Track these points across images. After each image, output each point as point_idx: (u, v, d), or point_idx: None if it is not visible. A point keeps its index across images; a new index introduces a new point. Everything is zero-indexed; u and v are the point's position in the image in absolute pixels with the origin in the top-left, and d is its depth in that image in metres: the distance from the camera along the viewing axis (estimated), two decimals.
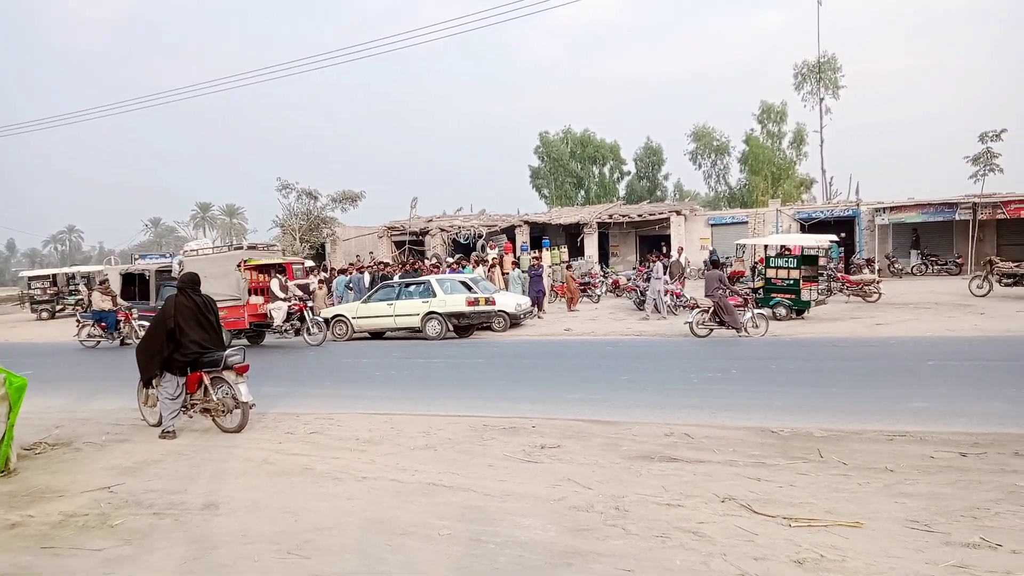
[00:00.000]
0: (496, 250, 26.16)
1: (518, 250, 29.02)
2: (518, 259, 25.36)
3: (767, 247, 18.44)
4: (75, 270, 33.60)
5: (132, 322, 17.06)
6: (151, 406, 7.80)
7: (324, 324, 16.12)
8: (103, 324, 16.99)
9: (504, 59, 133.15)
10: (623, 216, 32.19)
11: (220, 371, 7.25)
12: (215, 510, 4.95)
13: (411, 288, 16.81)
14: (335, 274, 23.15)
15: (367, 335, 16.95)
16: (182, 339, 7.17)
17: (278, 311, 15.57)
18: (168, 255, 34.33)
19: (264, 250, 17.46)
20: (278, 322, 15.60)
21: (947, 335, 12.66)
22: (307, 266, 20.92)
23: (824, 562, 3.65)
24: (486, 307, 16.03)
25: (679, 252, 25.18)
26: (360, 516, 4.68)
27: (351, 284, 20.76)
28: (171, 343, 7.18)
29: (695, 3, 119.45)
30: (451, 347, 14.76)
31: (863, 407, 7.52)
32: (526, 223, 32.98)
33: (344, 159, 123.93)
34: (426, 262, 25.73)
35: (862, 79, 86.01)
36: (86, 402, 9.78)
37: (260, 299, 15.97)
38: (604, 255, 32.81)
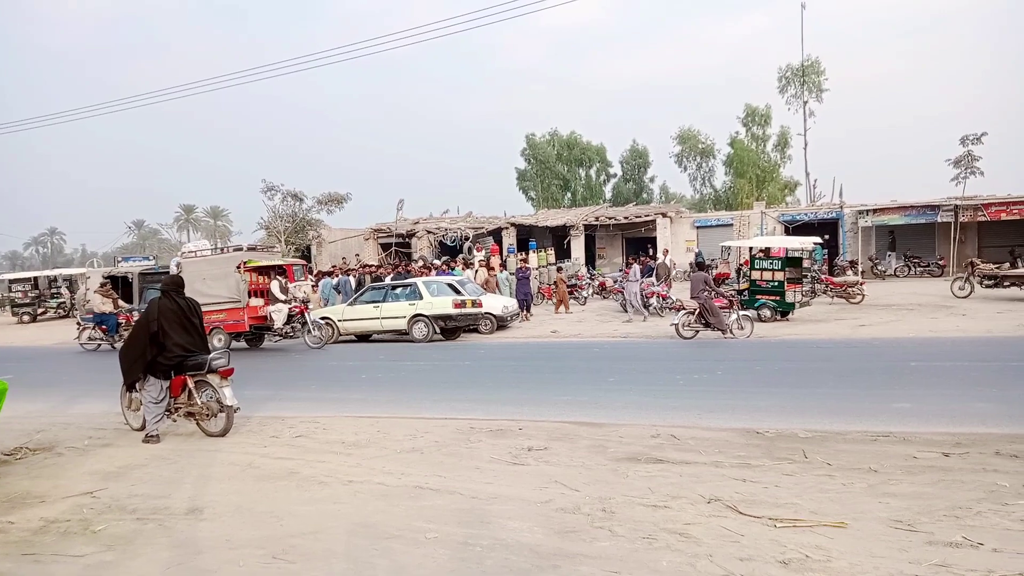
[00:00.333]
0: (483, 252, 26.14)
1: (505, 252, 29.02)
2: (504, 261, 25.35)
3: (752, 249, 18.59)
4: (57, 273, 33.25)
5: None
6: (134, 410, 7.72)
7: (326, 326, 15.90)
8: (104, 327, 16.81)
9: (491, 61, 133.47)
10: (609, 218, 32.30)
11: (204, 374, 7.21)
12: (199, 515, 4.91)
13: (397, 290, 16.76)
14: (320, 276, 23.06)
15: (353, 338, 16.88)
16: (166, 342, 7.12)
17: (278, 313, 15.35)
18: (151, 257, 34.04)
19: (264, 251, 17.34)
20: (278, 324, 15.39)
21: (930, 336, 12.80)
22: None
23: (809, 562, 3.67)
24: (473, 309, 16.02)
25: (665, 254, 25.30)
26: (346, 520, 4.65)
27: (339, 287, 20.67)
28: (154, 346, 7.12)
29: (681, 7, 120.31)
30: (438, 350, 14.74)
31: (847, 408, 7.59)
32: (513, 225, 33.00)
33: (330, 161, 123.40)
34: (415, 264, 25.65)
35: (845, 83, 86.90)
36: (68, 406, 9.68)
37: (260, 301, 15.81)
38: (591, 257, 32.90)
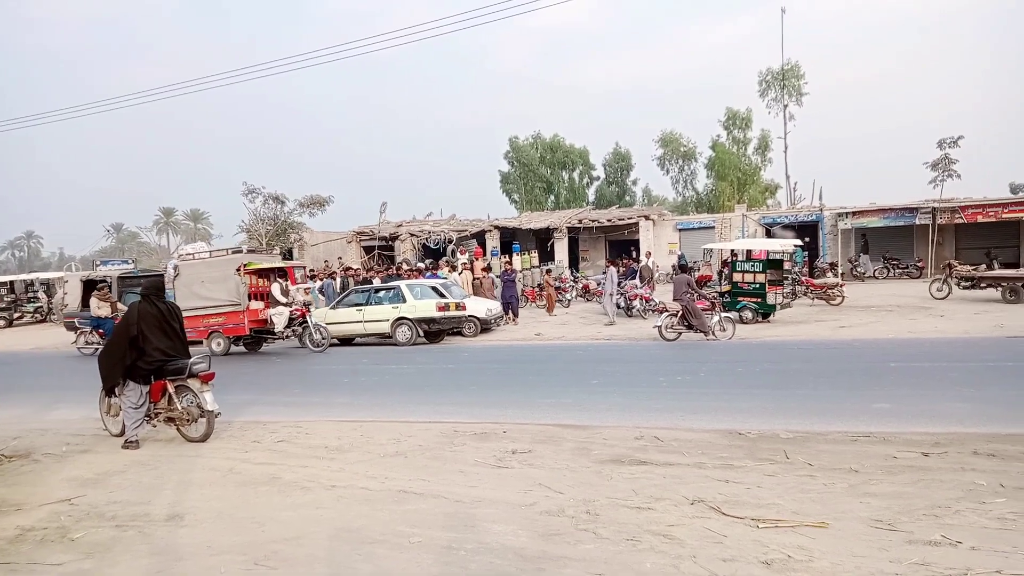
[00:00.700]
0: (466, 255, 26.11)
1: (488, 255, 29.01)
2: (489, 264, 25.32)
3: (733, 251, 18.70)
4: (34, 277, 32.77)
5: None
6: (113, 415, 7.63)
7: (328, 330, 15.68)
8: (100, 331, 16.59)
9: (474, 63, 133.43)
10: (593, 221, 32.40)
11: (185, 379, 7.13)
12: (180, 521, 4.85)
13: (380, 294, 16.69)
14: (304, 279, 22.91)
15: (336, 341, 16.79)
16: (146, 346, 7.03)
17: (279, 316, 15.13)
18: (131, 261, 33.64)
19: (264, 254, 17.16)
20: (279, 328, 15.16)
21: (908, 337, 12.96)
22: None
23: (791, 562, 3.70)
24: (456, 312, 15.98)
25: (648, 256, 25.41)
26: (329, 525, 4.62)
27: (322, 289, 20.55)
28: (134, 350, 7.03)
29: (664, 11, 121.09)
30: (421, 353, 14.69)
31: (828, 408, 7.66)
32: (496, 228, 33.01)
33: (312, 163, 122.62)
34: (404, 266, 25.50)
35: (825, 87, 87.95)
36: (46, 412, 9.52)
37: (260, 304, 15.60)
38: (574, 260, 32.98)
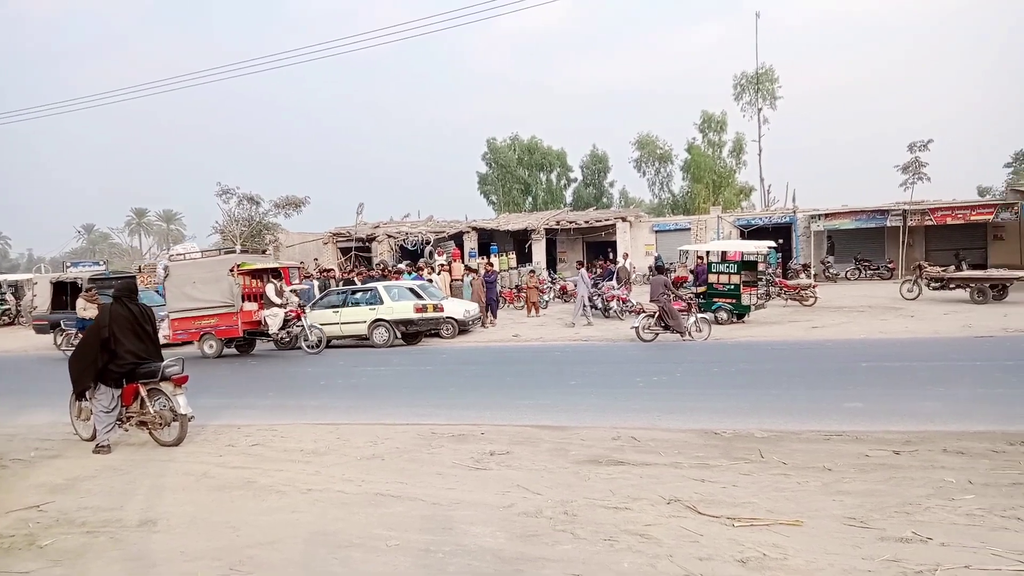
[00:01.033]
0: (444, 256, 26.04)
1: (466, 257, 28.97)
2: (475, 266, 25.17)
3: (709, 253, 18.88)
4: (2, 279, 32.05)
5: None
6: (84, 419, 7.49)
7: (323, 331, 15.46)
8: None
9: (451, 64, 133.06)
10: (570, 223, 32.51)
11: (157, 382, 7.02)
12: (153, 527, 4.78)
13: (358, 295, 16.59)
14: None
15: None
16: (117, 349, 6.92)
17: (274, 318, 14.92)
18: (102, 263, 33.09)
19: (256, 254, 16.95)
20: (274, 329, 14.95)
21: (880, 337, 13.18)
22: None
23: (767, 560, 3.74)
24: (434, 314, 15.93)
25: (625, 258, 25.56)
26: (305, 529, 4.58)
27: (297, 291, 20.35)
28: (106, 353, 6.92)
29: (639, 15, 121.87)
30: (399, 355, 14.62)
31: (801, 408, 7.77)
32: (474, 229, 32.97)
33: (287, 164, 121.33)
34: (389, 267, 25.28)
35: (799, 91, 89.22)
36: (14, 416, 9.30)
37: (254, 305, 15.40)
38: (552, 261, 33.05)
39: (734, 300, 16.22)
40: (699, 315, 14.40)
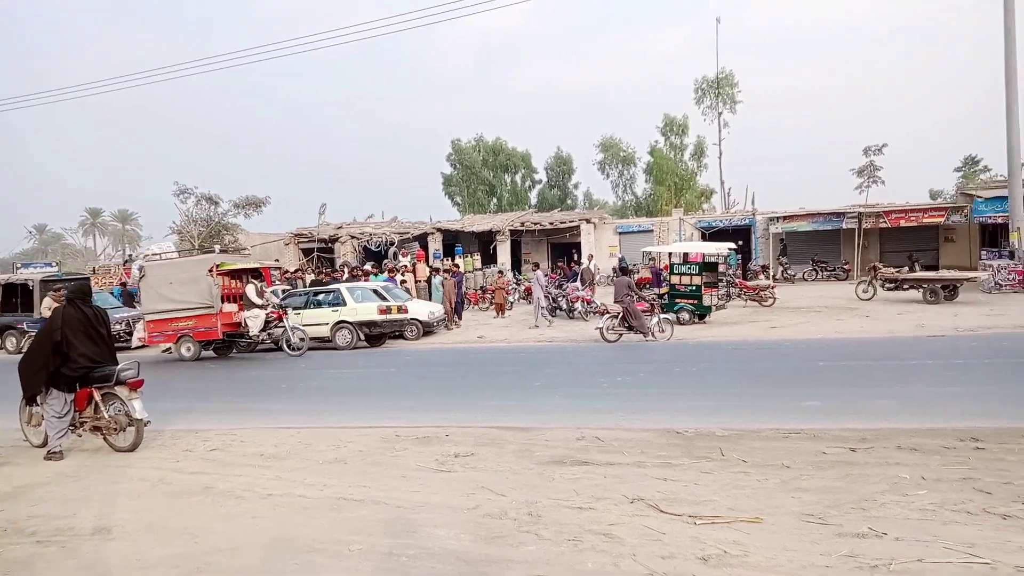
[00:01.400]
0: (408, 258, 25.87)
1: (431, 258, 28.84)
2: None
3: (671, 254, 19.10)
4: None
5: None
6: (35, 425, 7.27)
7: (305, 332, 15.09)
8: None
9: (416, 64, 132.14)
10: (535, 224, 32.60)
11: (112, 387, 6.85)
12: (107, 534, 4.65)
13: (320, 297, 16.39)
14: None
15: (273, 346, 16.39)
16: (70, 352, 6.72)
17: (255, 319, 14.54)
18: (55, 264, 32.08)
19: (236, 254, 16.51)
20: (254, 331, 14.58)
21: (836, 337, 13.49)
22: None
23: (727, 558, 3.79)
24: (398, 315, 15.82)
25: (590, 259, 25.72)
26: (265, 535, 4.50)
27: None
28: (58, 357, 6.71)
29: (603, 18, 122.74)
30: (362, 357, 14.49)
31: (761, 406, 7.91)
32: (439, 230, 32.86)
33: (248, 161, 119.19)
34: (357, 269, 24.91)
35: (758, 96, 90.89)
36: None
37: (234, 307, 14.96)
38: (517, 262, 33.12)
39: (696, 301, 16.44)
40: (662, 316, 14.57)
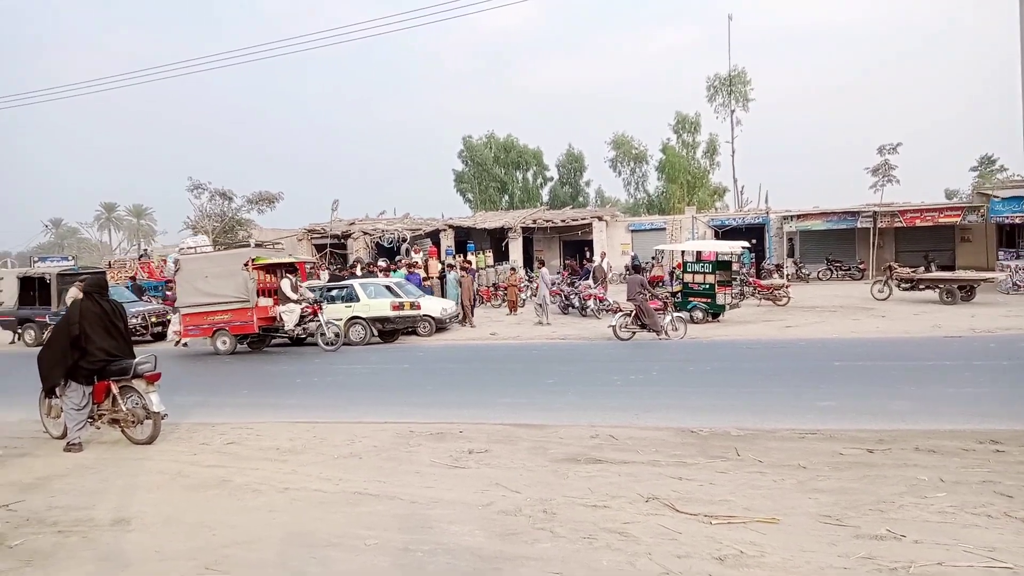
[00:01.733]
0: (420, 254, 25.92)
1: (443, 254, 28.89)
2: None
3: (684, 253, 19.04)
4: None
5: None
6: (54, 417, 7.35)
7: (340, 327, 15.17)
8: None
9: (428, 62, 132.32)
10: (547, 221, 32.58)
11: (129, 380, 6.92)
12: (126, 526, 4.70)
13: (333, 292, 16.46)
14: None
15: (288, 340, 16.47)
16: (88, 346, 6.80)
17: (290, 314, 14.60)
18: (71, 258, 32.41)
19: (271, 248, 16.61)
20: (290, 326, 14.65)
21: (852, 337, 13.39)
22: None
23: (744, 558, 3.78)
24: (411, 312, 15.86)
25: (602, 257, 25.64)
26: (282, 529, 4.53)
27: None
28: (76, 350, 6.79)
29: (617, 15, 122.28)
30: (375, 353, 14.53)
31: (776, 406, 7.86)
32: (451, 227, 32.89)
33: (262, 159, 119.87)
34: (373, 266, 24.96)
35: (773, 93, 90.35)
36: None
37: (269, 301, 15.06)
38: (528, 259, 33.11)
39: (709, 299, 16.38)
40: (675, 314, 14.52)
